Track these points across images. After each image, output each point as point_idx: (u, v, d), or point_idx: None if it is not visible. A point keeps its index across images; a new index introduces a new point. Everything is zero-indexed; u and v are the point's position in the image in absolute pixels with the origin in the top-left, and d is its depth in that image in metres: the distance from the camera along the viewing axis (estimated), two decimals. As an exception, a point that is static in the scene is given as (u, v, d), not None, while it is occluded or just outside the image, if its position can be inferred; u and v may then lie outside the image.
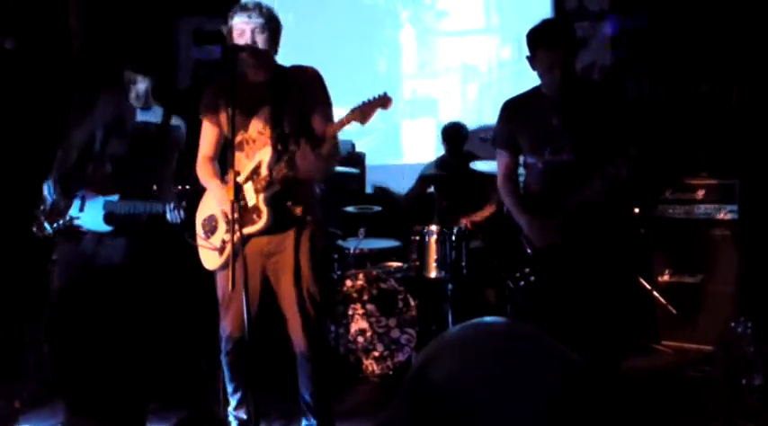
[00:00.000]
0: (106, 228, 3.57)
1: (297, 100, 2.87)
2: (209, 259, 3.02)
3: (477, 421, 1.93)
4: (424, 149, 5.79)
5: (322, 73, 2.94)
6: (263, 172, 2.80)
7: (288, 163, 2.75)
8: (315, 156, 2.68)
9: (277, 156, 2.79)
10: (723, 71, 4.83)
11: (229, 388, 3.06)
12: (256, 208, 2.82)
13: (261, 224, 2.82)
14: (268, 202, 2.81)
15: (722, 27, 4.86)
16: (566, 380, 2.04)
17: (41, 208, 3.65)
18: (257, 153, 2.85)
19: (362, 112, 2.63)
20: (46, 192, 3.67)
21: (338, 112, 2.84)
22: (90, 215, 3.60)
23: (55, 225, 3.61)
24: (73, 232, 3.63)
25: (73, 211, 3.63)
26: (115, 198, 3.57)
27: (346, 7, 6.02)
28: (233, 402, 3.07)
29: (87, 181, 3.68)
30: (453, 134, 5.02)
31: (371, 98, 2.64)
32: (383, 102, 2.62)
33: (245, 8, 2.79)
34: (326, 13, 6.03)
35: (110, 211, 3.56)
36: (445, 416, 1.98)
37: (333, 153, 2.79)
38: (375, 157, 5.81)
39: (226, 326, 2.99)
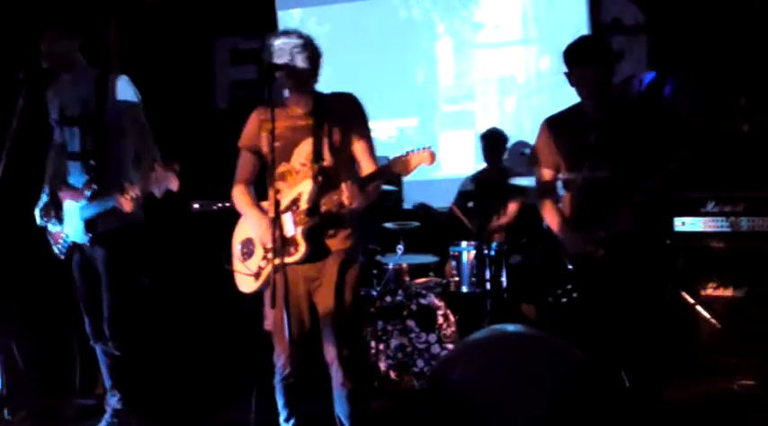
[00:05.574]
0: (86, 239, 3.35)
1: (337, 131, 2.89)
2: (245, 283, 3.04)
3: (491, 416, 2.02)
4: (463, 162, 5.73)
5: (359, 84, 2.94)
6: (303, 205, 2.82)
7: (330, 200, 2.78)
8: (361, 196, 2.70)
9: (318, 189, 2.82)
10: (761, 83, 4.76)
11: (282, 415, 3.07)
12: (294, 240, 2.84)
13: (298, 256, 2.84)
14: (305, 235, 2.83)
15: (759, 39, 4.79)
16: (570, 376, 2.13)
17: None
18: (299, 185, 2.87)
19: (405, 163, 2.66)
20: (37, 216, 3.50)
21: (376, 126, 2.86)
22: (72, 225, 3.37)
23: (60, 247, 3.45)
24: (78, 247, 3.43)
25: (57, 227, 3.43)
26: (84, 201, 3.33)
27: (383, 19, 6.04)
28: None
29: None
30: (494, 139, 4.96)
31: (415, 150, 2.66)
32: (427, 156, 2.64)
33: (285, 32, 2.87)
34: (363, 26, 6.06)
35: (85, 218, 3.32)
36: (462, 413, 2.07)
37: (378, 189, 2.79)
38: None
39: (279, 353, 3.00)
